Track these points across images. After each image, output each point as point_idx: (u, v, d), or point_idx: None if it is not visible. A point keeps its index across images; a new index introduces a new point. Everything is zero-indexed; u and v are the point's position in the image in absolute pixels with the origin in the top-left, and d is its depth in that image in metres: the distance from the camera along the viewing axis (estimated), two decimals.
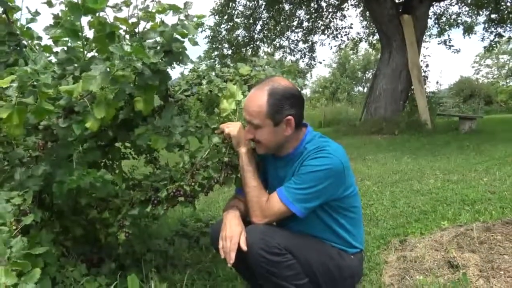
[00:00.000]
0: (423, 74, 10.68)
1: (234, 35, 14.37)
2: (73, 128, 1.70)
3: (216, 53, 14.45)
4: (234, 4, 13.92)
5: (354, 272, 1.78)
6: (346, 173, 1.68)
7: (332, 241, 1.77)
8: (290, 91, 1.67)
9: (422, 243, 2.55)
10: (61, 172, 1.69)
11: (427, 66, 11.54)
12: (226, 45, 14.55)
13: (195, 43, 1.81)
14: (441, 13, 14.43)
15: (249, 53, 14.32)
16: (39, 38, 2.03)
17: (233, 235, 1.66)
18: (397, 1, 11.19)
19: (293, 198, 1.65)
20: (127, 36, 1.83)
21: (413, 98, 10.32)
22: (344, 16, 15.11)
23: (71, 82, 1.74)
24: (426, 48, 18.70)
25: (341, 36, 15.16)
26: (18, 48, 1.94)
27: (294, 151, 1.75)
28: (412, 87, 10.36)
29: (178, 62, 1.84)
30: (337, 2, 14.44)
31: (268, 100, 1.64)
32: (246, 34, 14.48)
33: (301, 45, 15.19)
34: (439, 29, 14.47)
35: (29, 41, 1.98)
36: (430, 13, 12.95)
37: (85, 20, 1.57)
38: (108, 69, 1.53)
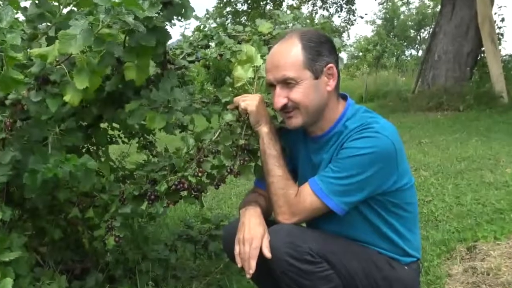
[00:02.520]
0: (497, 31, 10.43)
1: None
2: (47, 103, 1.72)
3: (228, 9, 14.38)
4: None
5: (407, 287, 1.77)
6: (399, 158, 1.66)
7: (379, 247, 1.76)
8: (323, 35, 1.74)
9: (497, 250, 2.52)
10: (34, 158, 1.71)
11: (502, 20, 11.31)
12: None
13: None
14: None
15: (270, 7, 14.20)
16: None
17: (253, 238, 1.66)
18: None
19: (330, 190, 1.64)
20: None
21: (484, 63, 10.11)
22: None
23: (45, 44, 1.76)
24: None
25: None
26: None
27: (331, 130, 1.74)
28: (483, 48, 10.14)
29: (179, 17, 1.84)
30: None
31: (302, 46, 1.67)
32: None
33: None
34: None
35: None
36: None
37: None
38: (91, 26, 1.53)
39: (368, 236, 1.76)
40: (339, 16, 15.56)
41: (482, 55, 10.30)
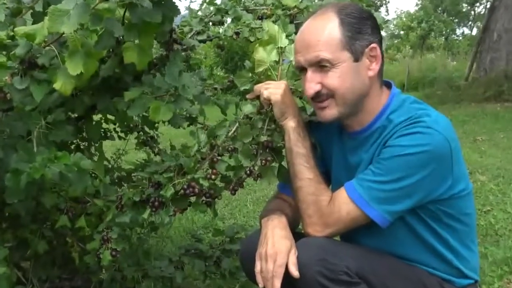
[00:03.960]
0: None
1: None
2: (31, 91, 1.74)
3: None
4: None
5: None
6: (455, 159, 1.65)
7: (430, 266, 1.75)
8: (365, 10, 1.75)
9: None
10: (17, 156, 1.73)
11: None
12: None
13: None
14: None
15: None
16: None
17: (278, 253, 1.66)
18: None
19: (371, 197, 1.64)
20: None
21: None
22: None
23: (31, 21, 1.77)
24: None
25: None
26: None
27: (373, 124, 1.74)
28: None
29: None
30: None
31: (340, 22, 1.68)
32: None
33: None
34: None
35: None
36: None
37: None
38: (86, 1, 1.55)
39: (417, 253, 1.75)
40: None
41: None
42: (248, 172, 1.83)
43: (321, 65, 1.67)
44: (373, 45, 1.69)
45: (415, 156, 1.60)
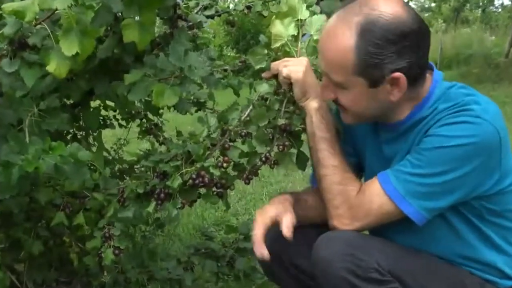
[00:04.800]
0: None
1: None
2: (22, 75, 1.75)
3: None
4: None
5: None
6: (504, 151, 1.63)
7: (471, 266, 1.75)
8: (399, 26, 1.56)
9: None
10: (8, 148, 1.74)
11: None
12: None
13: None
14: None
15: None
16: None
17: (255, 226, 1.75)
18: None
19: (408, 191, 1.63)
20: None
21: None
22: None
23: None
24: None
25: None
26: None
27: (413, 116, 1.71)
28: None
29: None
30: None
31: (357, 43, 1.57)
32: None
33: None
34: None
35: None
36: None
37: None
38: None
39: (456, 252, 1.74)
40: None
41: None
42: (263, 159, 1.83)
43: (333, 81, 1.66)
44: (395, 74, 1.58)
45: (460, 149, 1.58)
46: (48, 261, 2.39)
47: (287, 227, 1.68)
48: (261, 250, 1.70)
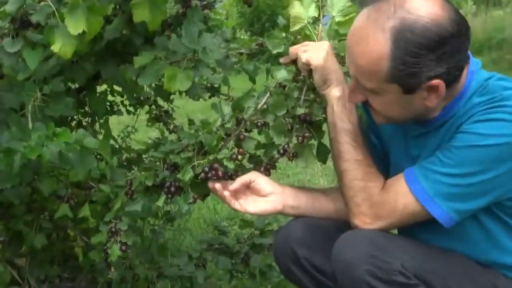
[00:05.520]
0: None
1: None
2: (24, 56, 1.75)
3: None
4: None
5: None
6: None
7: (503, 268, 1.73)
8: (438, 31, 1.51)
9: None
10: (10, 134, 1.74)
11: None
12: None
13: None
14: None
15: None
16: None
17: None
18: None
19: (436, 191, 1.61)
20: None
21: None
22: None
23: None
24: None
25: None
26: None
27: (446, 111, 1.68)
28: None
29: None
30: None
31: (392, 51, 1.52)
32: None
33: None
34: None
35: None
36: None
37: None
38: None
39: (488, 254, 1.73)
40: None
41: None
42: (281, 151, 1.82)
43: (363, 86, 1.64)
44: (433, 82, 1.54)
45: (494, 149, 1.55)
46: (51, 256, 2.39)
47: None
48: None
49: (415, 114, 1.67)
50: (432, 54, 1.50)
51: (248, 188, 1.84)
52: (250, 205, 1.82)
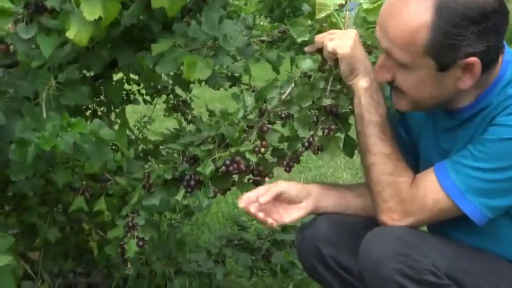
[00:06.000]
0: None
1: None
2: (39, 43, 1.75)
3: None
4: None
5: None
6: None
7: None
8: (482, 3, 1.50)
9: None
10: (24, 124, 1.75)
11: None
12: None
13: None
14: None
15: None
16: None
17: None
18: None
19: (468, 186, 1.60)
20: None
21: None
22: None
23: None
24: None
25: None
26: None
27: (478, 102, 1.66)
28: None
29: None
30: None
31: (434, 20, 1.51)
32: None
33: None
34: None
35: None
36: None
37: None
38: None
39: None
40: None
41: None
42: (306, 144, 1.81)
43: (394, 58, 1.61)
44: (470, 59, 1.52)
45: None
46: (65, 250, 2.40)
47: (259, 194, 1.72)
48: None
49: (445, 97, 1.65)
50: (474, 27, 1.49)
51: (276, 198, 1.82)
52: (285, 217, 1.80)
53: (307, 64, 1.85)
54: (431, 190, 1.64)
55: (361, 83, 1.74)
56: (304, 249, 1.87)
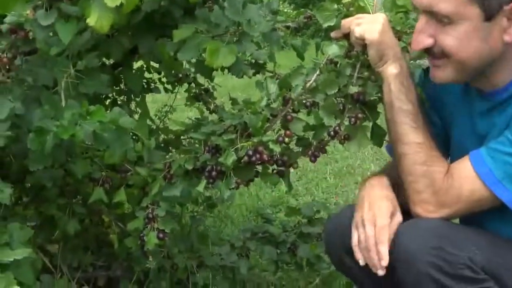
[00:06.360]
0: None
1: None
2: (57, 30, 1.75)
3: None
4: None
5: None
6: None
7: None
8: None
9: None
10: (42, 112, 1.76)
11: None
12: None
13: None
14: None
15: None
16: None
17: (377, 215, 1.68)
18: None
19: (506, 173, 1.59)
20: None
21: None
22: None
23: None
24: None
25: None
26: None
27: None
28: None
29: None
30: None
31: None
32: None
33: None
34: None
35: None
36: None
37: None
38: None
39: None
40: None
41: None
42: (332, 133, 1.80)
43: (435, 15, 1.59)
44: None
45: None
46: (84, 242, 2.41)
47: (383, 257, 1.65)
48: (384, 258, 1.65)
49: (487, 60, 1.62)
50: None
51: None
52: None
53: (333, 50, 1.84)
54: (466, 179, 1.63)
55: (391, 70, 1.73)
56: (331, 241, 1.87)
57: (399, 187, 1.79)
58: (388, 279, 1.73)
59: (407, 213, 1.72)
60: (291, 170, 1.94)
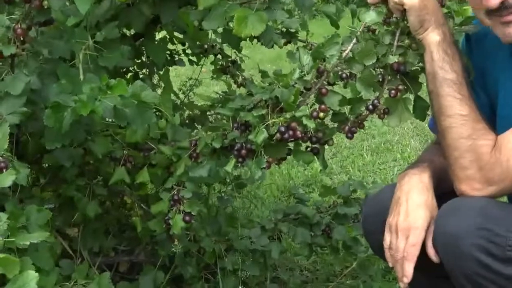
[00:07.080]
0: None
1: None
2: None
3: None
4: None
5: None
6: None
7: None
8: None
9: None
10: (59, 87, 1.76)
11: None
12: None
13: None
14: None
15: None
16: None
17: (411, 228, 1.67)
18: None
19: None
20: None
21: None
22: None
23: None
24: None
25: None
26: None
27: None
28: None
29: None
30: None
31: None
32: None
33: None
34: None
35: None
36: None
37: None
38: None
39: None
40: None
41: None
42: (370, 107, 1.80)
43: None
44: None
45: None
46: (105, 226, 2.43)
47: (431, 247, 1.66)
48: (407, 275, 1.68)
49: None
50: None
51: None
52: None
53: (370, 17, 1.81)
54: None
55: (433, 37, 1.71)
56: (370, 223, 1.87)
57: (445, 172, 1.77)
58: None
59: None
60: (326, 147, 1.93)
